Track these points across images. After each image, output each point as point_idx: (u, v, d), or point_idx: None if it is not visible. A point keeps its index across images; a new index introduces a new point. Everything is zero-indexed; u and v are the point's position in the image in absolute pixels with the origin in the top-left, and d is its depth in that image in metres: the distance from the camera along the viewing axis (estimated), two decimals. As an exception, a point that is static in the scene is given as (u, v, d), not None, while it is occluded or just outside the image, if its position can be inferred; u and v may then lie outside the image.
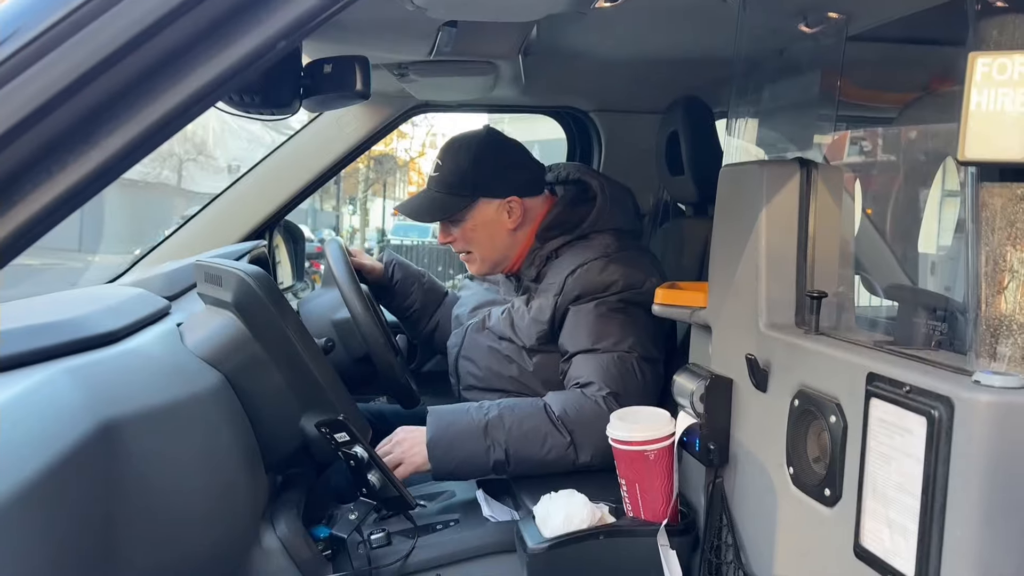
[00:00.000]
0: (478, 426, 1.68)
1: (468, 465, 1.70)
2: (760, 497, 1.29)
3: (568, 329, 1.84)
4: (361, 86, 1.45)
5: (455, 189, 1.96)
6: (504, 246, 2.01)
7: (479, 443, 1.67)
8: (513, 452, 1.68)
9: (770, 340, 1.27)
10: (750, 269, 1.33)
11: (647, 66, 2.25)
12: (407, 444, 1.71)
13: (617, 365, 1.77)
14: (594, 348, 1.79)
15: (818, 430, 1.13)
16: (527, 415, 1.71)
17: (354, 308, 1.87)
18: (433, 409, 1.74)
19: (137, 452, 1.21)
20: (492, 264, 2.04)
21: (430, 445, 1.67)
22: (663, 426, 1.45)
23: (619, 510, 1.51)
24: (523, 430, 1.68)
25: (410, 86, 2.04)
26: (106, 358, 1.31)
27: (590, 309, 1.82)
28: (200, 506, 1.32)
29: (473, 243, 2.01)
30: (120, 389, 1.24)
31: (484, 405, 1.74)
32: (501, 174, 1.97)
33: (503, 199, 1.96)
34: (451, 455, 1.67)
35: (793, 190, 1.29)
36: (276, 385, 1.52)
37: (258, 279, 1.46)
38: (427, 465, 1.68)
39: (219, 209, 2.36)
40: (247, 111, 1.51)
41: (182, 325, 1.59)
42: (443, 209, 1.98)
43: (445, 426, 1.69)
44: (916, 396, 0.93)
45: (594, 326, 1.80)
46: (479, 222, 1.98)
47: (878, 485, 0.99)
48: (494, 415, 1.70)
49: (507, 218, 1.97)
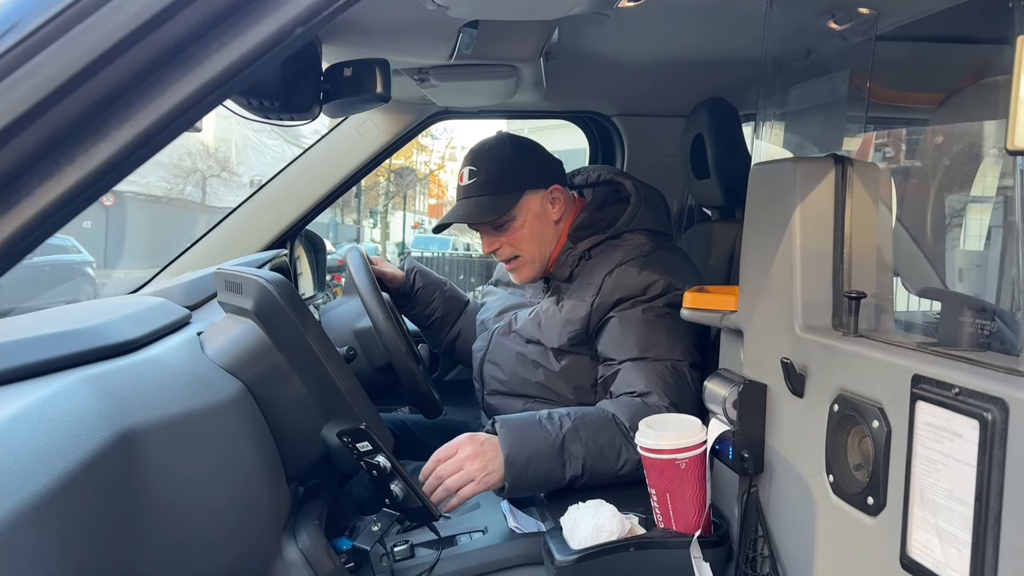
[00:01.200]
0: (555, 441, 1.61)
1: (544, 481, 1.62)
2: (797, 507, 1.24)
3: (613, 335, 1.80)
4: (382, 89, 1.43)
5: (502, 187, 1.93)
6: (550, 240, 1.97)
7: (556, 458, 1.60)
8: (590, 467, 1.62)
9: (806, 343, 1.22)
10: (784, 270, 1.28)
11: (671, 69, 2.22)
12: (480, 461, 1.58)
13: (672, 374, 1.73)
14: (644, 356, 1.75)
15: (859, 436, 1.08)
16: (599, 428, 1.65)
17: (375, 317, 1.84)
18: (503, 420, 1.65)
19: (156, 462, 1.18)
20: (540, 264, 1.99)
21: (508, 462, 1.57)
22: (694, 434, 1.40)
23: (650, 521, 1.47)
24: (599, 444, 1.63)
25: (431, 92, 2.01)
26: (124, 367, 1.29)
27: (637, 315, 1.78)
28: (220, 517, 1.29)
29: (521, 242, 1.96)
30: (138, 398, 1.22)
31: (554, 416, 1.66)
32: (540, 164, 1.97)
33: (546, 189, 1.94)
34: (529, 472, 1.59)
35: (828, 187, 1.25)
36: (297, 394, 1.49)
37: (279, 286, 1.43)
38: (499, 485, 1.59)
39: (241, 219, 2.35)
40: (267, 116, 1.49)
41: (202, 334, 1.57)
42: (496, 208, 1.93)
43: (521, 442, 1.60)
44: (966, 398, 0.88)
45: (643, 333, 1.76)
46: (528, 217, 1.94)
47: (926, 493, 0.94)
48: (569, 428, 1.63)
49: (551, 208, 1.95)
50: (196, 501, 1.24)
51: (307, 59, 1.42)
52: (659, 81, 2.32)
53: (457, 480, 1.57)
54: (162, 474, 1.19)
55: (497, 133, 2.00)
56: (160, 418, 1.22)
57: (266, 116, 1.48)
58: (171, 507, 1.19)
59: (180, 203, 21.97)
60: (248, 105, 1.42)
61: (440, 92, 2.04)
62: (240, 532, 1.34)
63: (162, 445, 1.20)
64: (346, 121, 2.37)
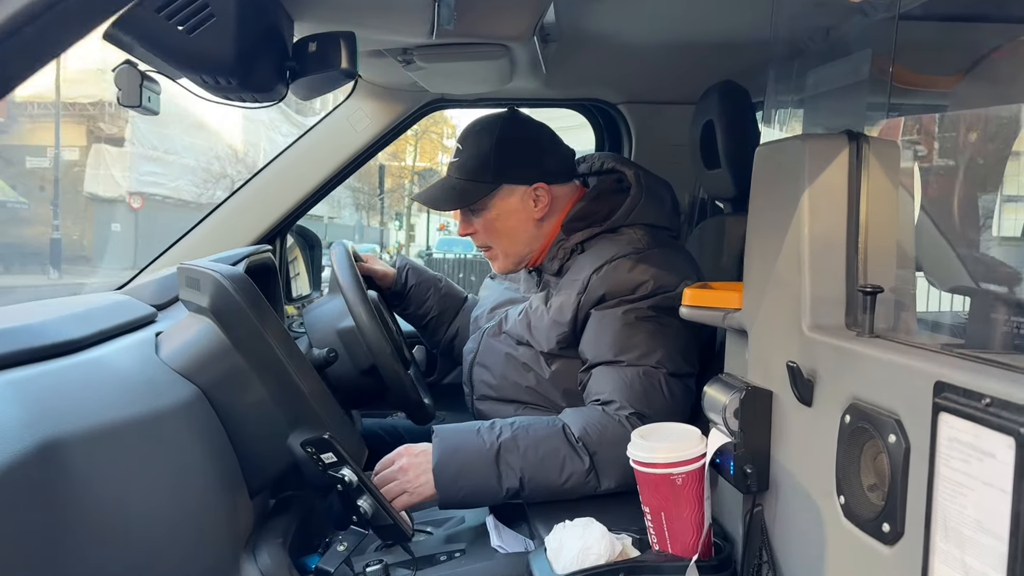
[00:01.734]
0: (489, 450, 1.50)
1: (479, 494, 1.52)
2: (805, 530, 1.09)
3: (590, 335, 1.66)
4: (347, 63, 1.31)
5: (477, 175, 1.79)
6: (528, 238, 1.83)
7: (490, 469, 1.50)
8: (528, 479, 1.50)
9: (816, 344, 1.07)
10: (791, 262, 1.14)
11: (679, 51, 2.08)
12: (412, 472, 1.53)
13: (642, 381, 1.58)
14: (617, 360, 1.61)
15: (874, 451, 0.94)
16: (543, 437, 1.53)
17: (358, 316, 1.71)
18: (439, 430, 1.56)
19: (87, 474, 1.07)
20: (516, 259, 1.87)
21: (436, 472, 1.49)
22: (692, 445, 1.25)
23: (644, 542, 1.32)
24: (539, 454, 1.51)
25: (419, 75, 1.89)
26: (60, 369, 1.18)
27: (617, 315, 1.64)
28: (165, 533, 1.17)
29: (495, 235, 1.84)
30: (70, 404, 1.10)
31: (496, 425, 1.56)
32: (526, 158, 1.80)
33: (529, 186, 1.79)
34: (459, 483, 1.49)
35: (841, 168, 1.10)
36: (259, 400, 1.37)
37: (236, 281, 1.31)
38: (433, 495, 1.51)
39: (227, 214, 2.24)
40: (227, 96, 1.37)
41: (161, 335, 1.45)
42: (463, 196, 1.80)
43: (452, 451, 1.51)
44: (999, 411, 0.73)
45: (619, 335, 1.62)
46: (502, 211, 1.80)
47: (951, 521, 0.79)
48: (507, 437, 1.52)
49: (533, 207, 1.80)
50: (136, 515, 1.13)
51: (265, 33, 1.30)
52: (667, 65, 2.17)
53: (390, 491, 1.51)
54: (95, 486, 1.07)
55: (504, 111, 1.86)
56: (94, 426, 1.10)
57: (225, 96, 1.36)
58: (105, 523, 1.08)
59: (209, 207, 22.08)
60: (203, 83, 1.30)
61: (429, 76, 1.91)
62: (190, 549, 1.22)
63: (94, 456, 1.08)
64: (336, 111, 2.26)
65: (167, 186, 21.52)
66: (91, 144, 19.99)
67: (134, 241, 19.16)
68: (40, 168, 19.45)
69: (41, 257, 17.70)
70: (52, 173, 18.98)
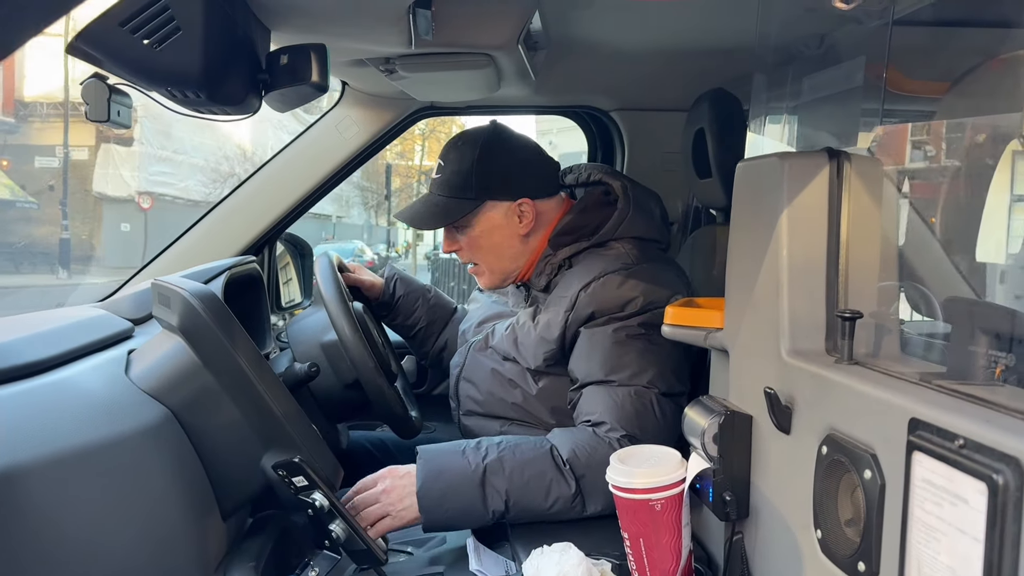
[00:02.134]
0: (475, 472, 1.47)
1: (464, 517, 1.48)
2: (784, 562, 1.06)
3: (580, 354, 1.62)
4: (318, 76, 1.27)
5: (459, 192, 1.76)
6: (513, 254, 1.80)
7: (475, 492, 1.46)
8: (514, 503, 1.46)
9: (794, 370, 1.04)
10: (770, 284, 1.10)
11: (670, 59, 2.03)
12: (396, 495, 1.48)
13: (633, 402, 1.54)
14: (608, 380, 1.57)
15: (851, 486, 0.90)
16: (529, 460, 1.49)
17: (340, 328, 1.68)
18: (423, 451, 1.52)
19: (46, 503, 1.04)
20: (502, 276, 1.84)
21: (420, 495, 1.45)
22: (672, 470, 1.22)
23: (624, 568, 1.29)
24: (525, 478, 1.47)
25: (404, 84, 1.85)
26: (20, 393, 1.15)
27: (607, 333, 1.60)
28: (131, 561, 1.14)
29: (480, 252, 1.80)
30: (30, 430, 1.08)
31: (482, 445, 1.52)
32: (510, 174, 1.76)
33: (513, 201, 1.75)
34: (444, 506, 1.46)
35: (821, 187, 1.07)
36: (231, 420, 1.34)
37: (203, 299, 1.28)
38: (416, 519, 1.47)
39: (213, 223, 2.21)
40: (196, 109, 1.34)
41: (133, 352, 1.43)
42: (446, 214, 1.77)
43: (436, 473, 1.47)
44: (972, 453, 0.70)
45: (609, 353, 1.58)
46: (486, 228, 1.77)
47: (924, 567, 0.75)
48: (493, 459, 1.48)
49: (518, 223, 1.76)
50: (99, 545, 1.10)
51: (235, 46, 1.27)
52: (658, 72, 2.13)
53: (372, 513, 1.47)
54: (53, 517, 1.05)
55: (486, 125, 1.82)
56: (53, 452, 1.07)
57: (196, 109, 1.33)
58: (66, 555, 1.05)
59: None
60: (172, 97, 1.27)
61: (414, 85, 1.88)
62: (155, 573, 1.19)
63: (54, 484, 1.06)
64: (324, 118, 2.22)
65: (176, 186, 21.58)
66: (100, 144, 20.06)
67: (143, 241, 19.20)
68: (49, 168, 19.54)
69: (50, 257, 17.78)
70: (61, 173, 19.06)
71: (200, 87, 1.24)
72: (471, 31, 1.55)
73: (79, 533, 1.07)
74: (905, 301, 1.18)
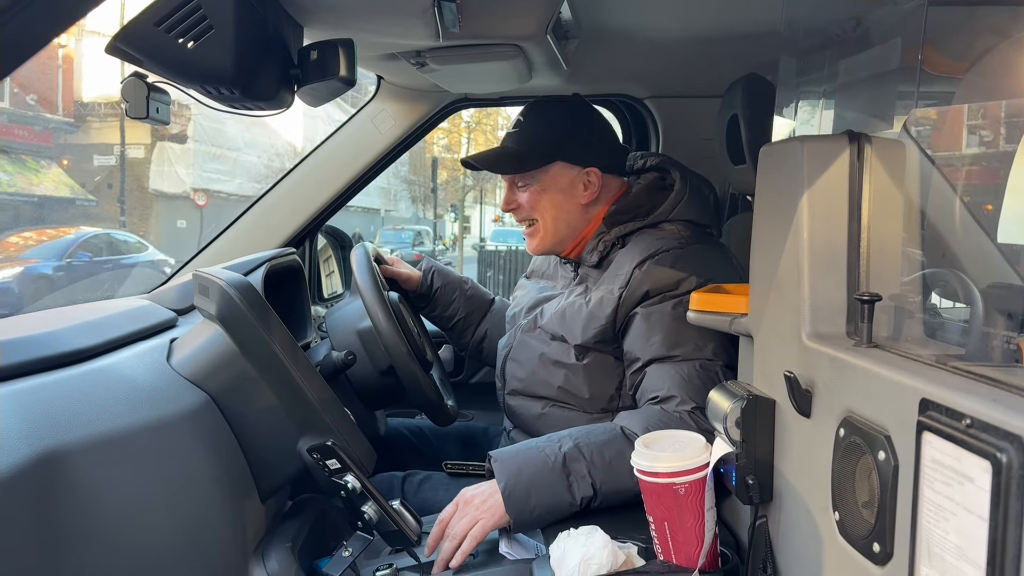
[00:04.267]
0: (555, 463, 1.46)
1: (552, 510, 1.46)
2: (804, 545, 1.06)
3: (638, 334, 1.63)
4: (346, 71, 1.31)
5: (535, 147, 1.80)
6: (572, 220, 1.82)
7: (560, 483, 1.45)
8: (601, 484, 1.46)
9: (814, 354, 1.04)
10: (792, 268, 1.10)
11: (703, 45, 2.02)
12: (476, 501, 1.46)
13: (700, 375, 1.55)
14: (671, 356, 1.58)
15: (867, 468, 0.90)
16: (605, 442, 1.49)
17: (374, 314, 1.72)
18: (496, 454, 1.51)
19: (90, 483, 1.09)
20: (555, 238, 1.85)
21: (505, 494, 1.44)
22: (696, 454, 1.23)
23: (650, 551, 1.30)
24: (606, 459, 1.47)
25: (435, 77, 1.88)
26: (66, 379, 1.21)
27: (665, 311, 1.61)
28: (171, 540, 1.19)
29: (540, 210, 1.82)
30: (75, 414, 1.13)
31: (553, 439, 1.52)
32: (586, 141, 1.80)
33: (583, 168, 1.79)
34: (531, 502, 1.44)
35: (841, 169, 1.06)
36: (269, 405, 1.38)
37: (240, 289, 1.32)
38: (505, 519, 1.44)
39: (256, 216, 2.27)
40: (231, 105, 1.39)
41: (175, 341, 1.48)
42: (519, 163, 1.80)
43: (516, 471, 1.46)
44: (979, 432, 0.70)
45: (669, 330, 1.59)
46: (552, 187, 1.80)
47: (934, 546, 0.76)
48: (569, 447, 1.48)
49: (582, 190, 1.80)
50: (140, 525, 1.15)
51: (267, 43, 1.31)
52: (691, 59, 2.12)
53: (463, 526, 1.43)
54: (97, 497, 1.10)
55: (570, 95, 1.87)
56: (96, 435, 1.13)
57: (231, 105, 1.37)
58: (108, 532, 1.10)
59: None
60: (207, 93, 1.32)
61: (446, 77, 1.90)
62: (197, 556, 1.24)
63: (97, 465, 1.11)
64: (360, 113, 2.27)
65: (230, 183, 22.01)
66: (155, 142, 20.56)
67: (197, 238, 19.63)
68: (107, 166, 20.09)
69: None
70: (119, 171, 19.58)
71: (234, 83, 1.29)
72: (498, 22, 1.57)
73: (122, 512, 1.12)
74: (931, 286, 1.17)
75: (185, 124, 20.77)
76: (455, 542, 1.42)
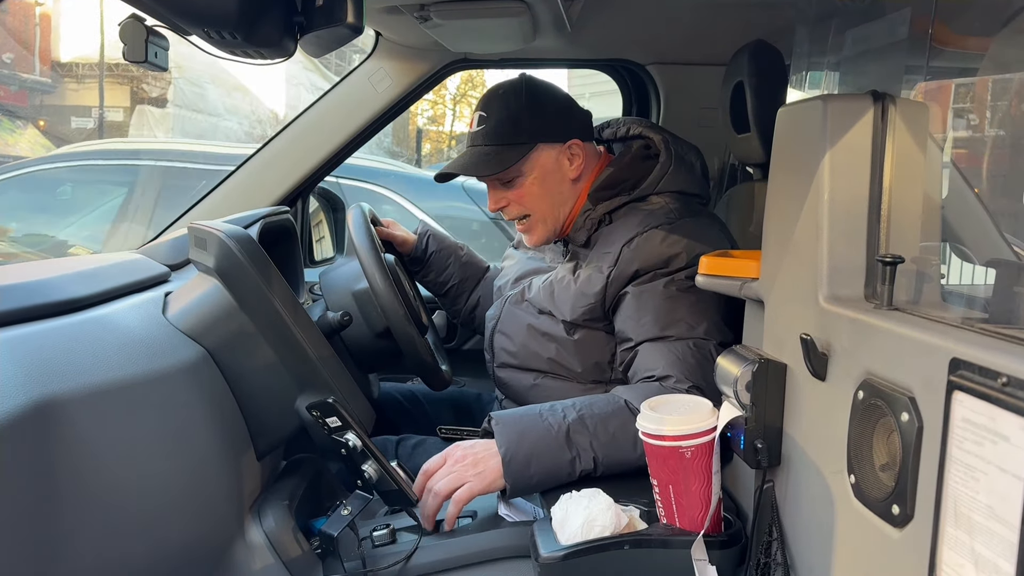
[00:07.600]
0: (558, 433, 1.43)
1: (550, 478, 1.44)
2: (815, 508, 1.05)
3: (629, 313, 1.60)
4: (353, 18, 1.26)
5: (510, 138, 1.73)
6: (564, 199, 1.78)
7: (561, 453, 1.42)
8: (603, 458, 1.44)
9: (831, 316, 1.02)
10: (810, 230, 1.08)
11: (709, 10, 1.99)
12: (469, 460, 1.42)
13: (694, 354, 1.53)
14: (664, 335, 1.55)
15: (887, 430, 0.89)
16: (609, 414, 1.47)
17: (372, 276, 1.68)
18: (497, 416, 1.48)
19: (86, 432, 1.06)
20: (553, 225, 1.80)
21: (506, 460, 1.41)
22: (703, 418, 1.22)
23: (652, 515, 1.29)
24: (610, 432, 1.45)
25: (438, 33, 1.84)
26: (62, 327, 1.17)
27: (656, 290, 1.58)
28: (167, 493, 1.17)
29: (531, 201, 1.77)
30: (71, 362, 1.10)
31: (557, 408, 1.49)
32: (558, 115, 1.75)
33: (563, 143, 1.74)
34: (530, 469, 1.41)
35: (865, 130, 1.04)
36: (267, 362, 1.36)
37: (240, 241, 1.29)
38: (497, 484, 1.42)
39: (247, 175, 2.22)
40: (233, 52, 1.34)
41: (170, 295, 1.44)
42: (500, 161, 1.73)
43: (518, 436, 1.43)
44: (1016, 391, 0.68)
45: (661, 309, 1.56)
46: (539, 173, 1.75)
47: (961, 506, 0.75)
48: (573, 418, 1.45)
49: (568, 165, 1.75)
50: (135, 476, 1.12)
51: (272, -14, 1.26)
52: (697, 24, 2.09)
53: (448, 483, 1.40)
54: (92, 446, 1.07)
55: (518, 76, 1.80)
56: (92, 384, 1.09)
57: (231, 51, 1.33)
58: (103, 482, 1.07)
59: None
60: (208, 38, 1.27)
61: (448, 34, 1.86)
62: (193, 510, 1.21)
63: (93, 414, 1.08)
64: (357, 71, 2.21)
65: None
66: (135, 105, 20.22)
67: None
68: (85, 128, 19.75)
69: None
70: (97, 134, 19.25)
71: (237, 28, 1.24)
72: (507, -25, 1.53)
73: (116, 464, 1.09)
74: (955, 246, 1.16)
75: (165, 88, 20.43)
76: (438, 500, 1.40)
